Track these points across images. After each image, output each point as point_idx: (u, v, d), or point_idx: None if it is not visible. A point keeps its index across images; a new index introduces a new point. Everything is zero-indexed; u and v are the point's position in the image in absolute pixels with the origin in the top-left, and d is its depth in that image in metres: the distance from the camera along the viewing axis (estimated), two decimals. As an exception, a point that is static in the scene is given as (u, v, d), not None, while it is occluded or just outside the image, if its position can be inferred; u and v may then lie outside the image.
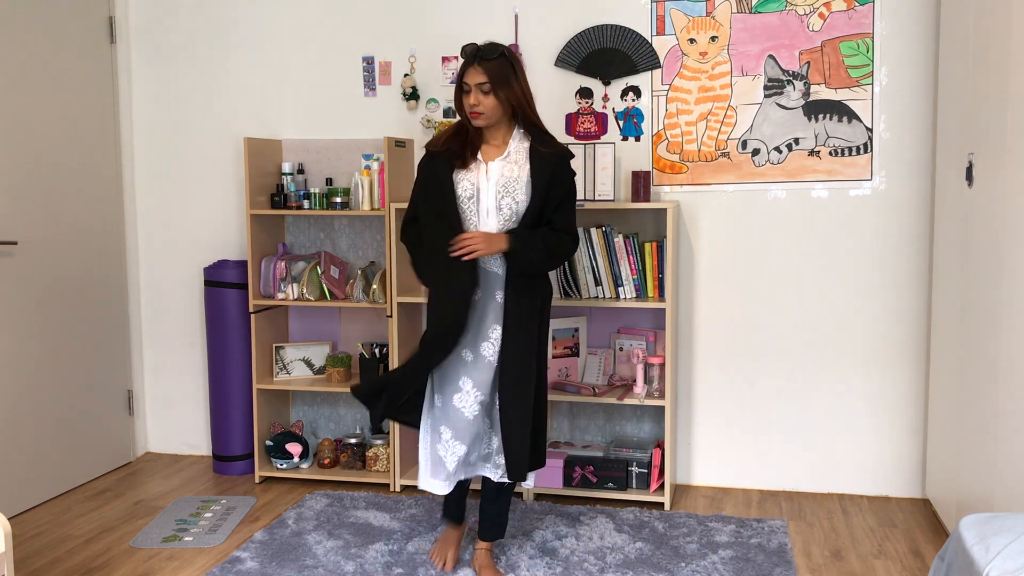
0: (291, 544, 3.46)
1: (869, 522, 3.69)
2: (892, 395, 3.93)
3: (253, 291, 4.15)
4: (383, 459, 4.15)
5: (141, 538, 3.57)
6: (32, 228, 3.92)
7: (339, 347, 4.41)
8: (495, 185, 3.03)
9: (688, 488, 4.09)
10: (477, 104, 2.99)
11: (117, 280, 4.46)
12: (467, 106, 3.02)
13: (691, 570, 3.20)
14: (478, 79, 2.98)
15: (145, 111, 4.53)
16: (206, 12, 4.41)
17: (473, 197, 3.04)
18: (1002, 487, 2.92)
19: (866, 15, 3.80)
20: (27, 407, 3.90)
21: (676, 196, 4.03)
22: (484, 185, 3.04)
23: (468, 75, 3.00)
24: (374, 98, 4.27)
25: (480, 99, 2.99)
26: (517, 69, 3.03)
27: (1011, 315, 2.86)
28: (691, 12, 3.93)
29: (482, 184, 3.04)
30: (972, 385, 3.23)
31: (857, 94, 3.84)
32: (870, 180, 3.87)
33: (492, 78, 2.97)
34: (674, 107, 3.99)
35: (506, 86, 2.99)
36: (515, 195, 3.02)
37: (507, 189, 3.02)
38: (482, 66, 2.98)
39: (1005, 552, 2.02)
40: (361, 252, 4.33)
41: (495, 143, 3.09)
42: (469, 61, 3.01)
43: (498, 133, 3.09)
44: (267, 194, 4.19)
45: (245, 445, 4.30)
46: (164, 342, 4.62)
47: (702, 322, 4.06)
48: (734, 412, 4.07)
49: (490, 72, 2.97)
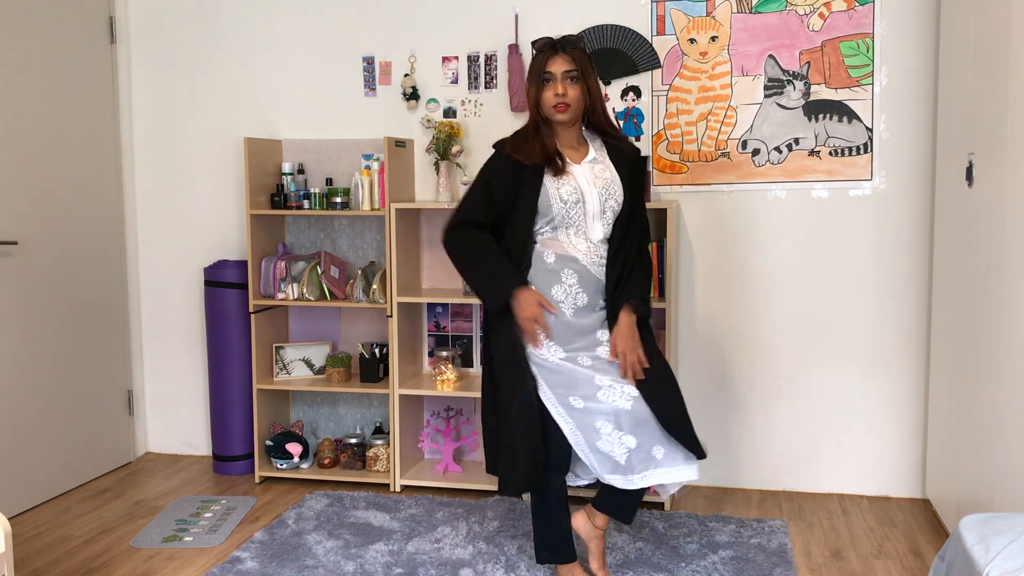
0: (291, 544, 3.46)
1: (869, 522, 3.69)
2: (892, 395, 3.93)
3: (253, 291, 4.15)
4: (383, 459, 4.15)
5: (141, 538, 3.57)
6: (32, 228, 3.92)
7: (339, 347, 4.41)
8: (597, 189, 2.89)
9: (688, 488, 4.09)
10: (564, 94, 2.83)
11: (117, 280, 4.46)
12: (551, 98, 2.84)
13: (691, 570, 3.20)
14: (565, 67, 2.83)
15: (145, 111, 4.53)
16: (206, 12, 4.41)
17: (579, 202, 2.88)
18: (1002, 487, 2.92)
19: (866, 15, 3.80)
20: (27, 407, 3.90)
21: (676, 196, 4.03)
22: (587, 190, 2.88)
23: (552, 63, 2.84)
24: (374, 98, 4.27)
25: (567, 88, 2.83)
26: (594, 64, 2.92)
27: (1011, 315, 2.86)
28: (691, 12, 3.93)
29: (585, 189, 2.88)
30: (972, 385, 3.23)
31: (857, 94, 3.84)
32: (870, 180, 3.87)
33: (579, 66, 2.84)
34: (674, 107, 3.99)
35: (590, 77, 2.87)
36: (616, 197, 2.91)
37: (608, 192, 2.90)
38: (569, 54, 2.84)
39: (1005, 552, 2.02)
40: (361, 252, 4.33)
41: (571, 145, 2.95)
42: (553, 50, 2.86)
43: (572, 134, 2.96)
44: (267, 194, 4.19)
45: (245, 445, 4.30)
46: (164, 342, 4.62)
47: (702, 322, 4.06)
48: (734, 412, 4.07)
49: (577, 59, 2.84)
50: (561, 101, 2.84)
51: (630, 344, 2.90)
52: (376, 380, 4.14)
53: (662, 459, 2.85)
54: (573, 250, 2.92)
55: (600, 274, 2.94)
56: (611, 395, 2.86)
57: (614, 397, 2.86)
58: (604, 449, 2.86)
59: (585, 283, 2.92)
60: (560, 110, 2.85)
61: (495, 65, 4.12)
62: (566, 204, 2.88)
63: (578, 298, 2.93)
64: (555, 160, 2.88)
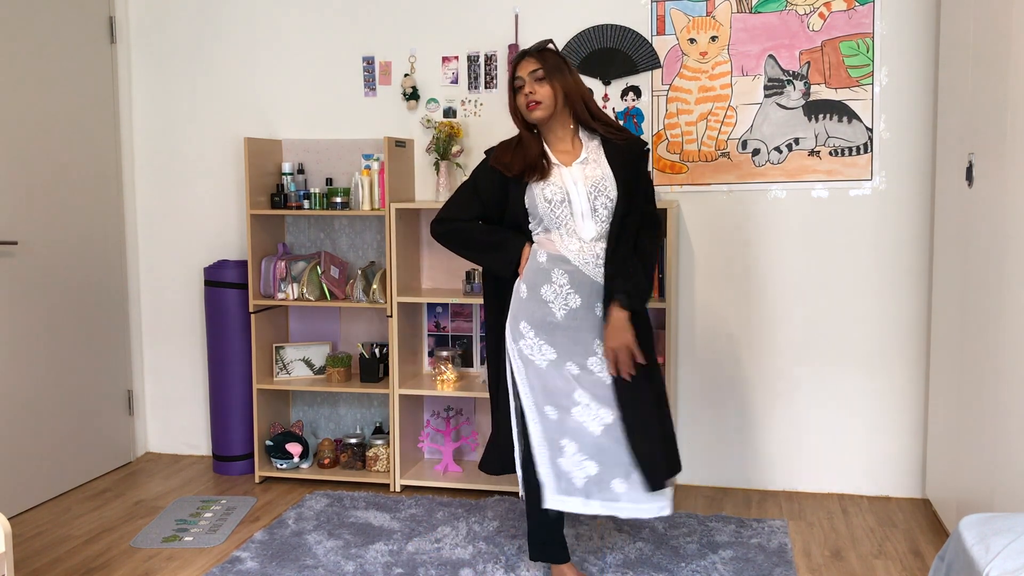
0: (291, 544, 3.46)
1: (869, 522, 3.69)
2: (892, 395, 3.93)
3: (253, 291, 4.15)
4: (383, 459, 4.15)
5: (141, 538, 3.57)
6: (32, 228, 3.92)
7: (339, 347, 4.41)
8: (585, 187, 2.91)
9: (688, 488, 4.09)
10: (533, 92, 2.88)
11: (117, 280, 4.46)
12: (523, 100, 2.91)
13: (691, 570, 3.20)
14: (530, 68, 2.90)
15: (145, 111, 4.53)
16: (206, 12, 4.41)
17: (564, 201, 2.90)
18: (1002, 487, 2.92)
19: (866, 15, 3.80)
20: (27, 407, 3.90)
21: (676, 196, 4.03)
22: (572, 189, 2.91)
23: (520, 68, 2.92)
24: (374, 98, 4.27)
25: (535, 87, 2.88)
26: (567, 62, 2.96)
27: (1011, 315, 2.86)
28: (691, 12, 3.93)
29: (570, 188, 2.91)
30: (972, 385, 3.23)
31: (857, 94, 3.84)
32: (870, 180, 3.87)
33: (544, 65, 2.89)
34: (674, 107, 3.99)
35: (559, 74, 2.90)
36: (608, 193, 2.90)
37: (598, 189, 2.90)
38: (533, 56, 2.92)
39: (1005, 552, 2.02)
40: (361, 252, 4.33)
41: (563, 147, 2.98)
42: (519, 58, 2.95)
43: (563, 135, 2.98)
44: (267, 194, 4.19)
45: (245, 445, 4.30)
46: (164, 342, 4.62)
47: (702, 322, 4.06)
48: (734, 412, 4.07)
49: (542, 60, 2.90)
50: (530, 100, 2.89)
51: (617, 341, 2.87)
52: (376, 380, 4.14)
53: (623, 494, 2.88)
54: (564, 250, 2.92)
55: (597, 275, 2.92)
56: (584, 415, 2.88)
57: (587, 418, 2.88)
58: (564, 468, 2.89)
59: (578, 285, 2.91)
60: (531, 108, 2.89)
61: (495, 65, 4.12)
62: (551, 204, 2.90)
63: (570, 299, 2.91)
64: (538, 166, 2.92)
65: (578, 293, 2.91)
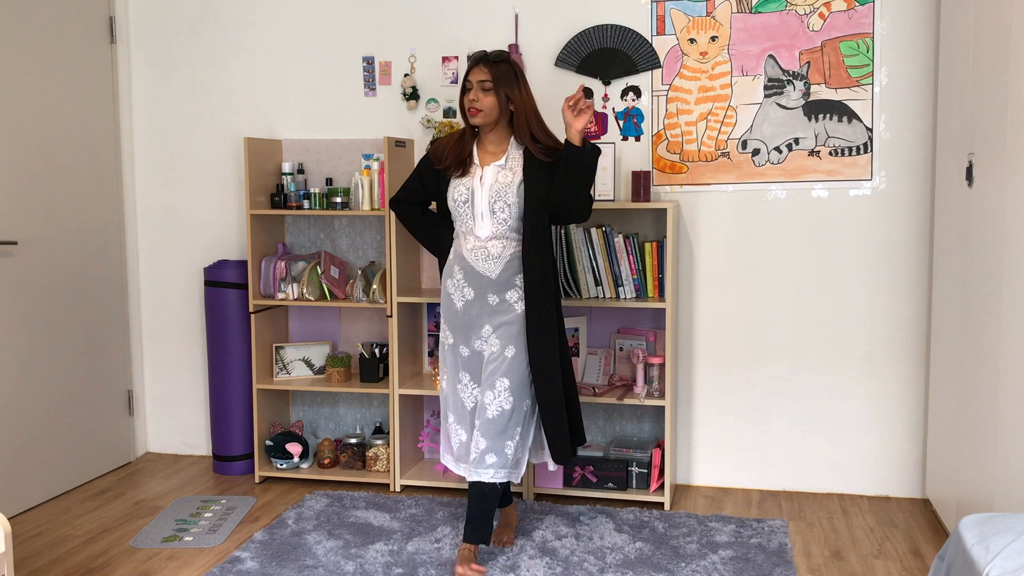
0: (291, 544, 3.46)
1: (869, 522, 3.69)
2: (892, 395, 3.93)
3: (253, 291, 4.15)
4: (383, 459, 4.15)
5: (141, 538, 3.58)
6: (32, 228, 3.92)
7: (339, 347, 4.41)
8: (488, 190, 3.16)
9: (688, 488, 4.09)
10: (476, 100, 3.13)
11: (117, 280, 4.46)
12: (466, 103, 3.16)
13: (691, 570, 3.20)
14: (480, 77, 3.14)
15: (145, 111, 4.53)
16: (206, 12, 4.41)
17: (468, 201, 3.18)
18: (1002, 487, 2.92)
19: (866, 15, 3.80)
20: (27, 407, 3.90)
21: (676, 196, 4.03)
22: (478, 189, 3.17)
23: (472, 74, 3.16)
24: (374, 98, 4.27)
25: (479, 96, 3.13)
26: (520, 78, 3.18)
27: (1011, 315, 2.86)
28: (691, 12, 3.93)
29: (476, 189, 3.18)
30: (972, 385, 3.23)
31: (857, 94, 3.84)
32: (870, 180, 3.87)
33: (494, 77, 3.12)
34: (674, 107, 3.99)
35: (507, 87, 3.13)
36: (507, 199, 3.15)
37: (499, 194, 3.15)
38: (487, 66, 3.14)
39: (1005, 552, 2.02)
40: (361, 252, 4.33)
41: (492, 149, 3.23)
42: (474, 63, 3.17)
43: (497, 140, 3.23)
44: (267, 194, 4.19)
45: (245, 445, 4.30)
46: (164, 342, 4.62)
47: (702, 322, 4.06)
48: (734, 412, 4.07)
49: (493, 72, 3.14)
50: (472, 106, 3.14)
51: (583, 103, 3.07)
52: (376, 380, 4.14)
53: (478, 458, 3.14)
54: (462, 247, 3.24)
55: (488, 271, 3.18)
56: (463, 392, 3.26)
57: (464, 395, 3.25)
58: (448, 432, 3.32)
59: (470, 279, 3.21)
60: (472, 114, 3.16)
61: (495, 65, 4.12)
62: (456, 203, 3.20)
63: (465, 292, 3.23)
64: (460, 163, 3.21)
65: (470, 286, 3.21)
